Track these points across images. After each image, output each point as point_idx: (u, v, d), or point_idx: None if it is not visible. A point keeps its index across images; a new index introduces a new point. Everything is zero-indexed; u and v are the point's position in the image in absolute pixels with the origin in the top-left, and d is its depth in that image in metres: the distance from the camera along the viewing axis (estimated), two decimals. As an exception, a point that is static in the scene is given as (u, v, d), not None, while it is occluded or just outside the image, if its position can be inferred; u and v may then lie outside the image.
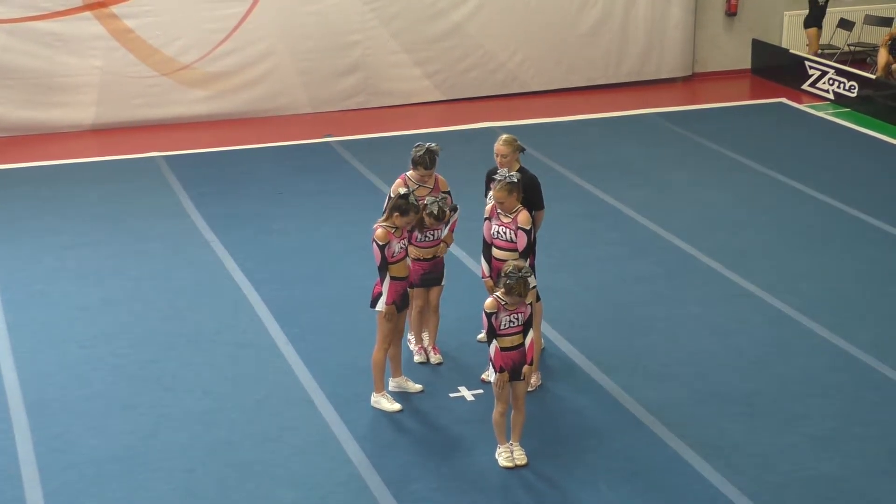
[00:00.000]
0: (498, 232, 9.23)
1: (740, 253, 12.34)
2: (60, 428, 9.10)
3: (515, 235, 9.14)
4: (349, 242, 12.55)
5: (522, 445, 8.61)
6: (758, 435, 8.97)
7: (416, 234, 9.60)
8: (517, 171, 9.41)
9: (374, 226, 9.16)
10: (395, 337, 9.36)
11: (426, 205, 9.42)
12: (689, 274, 11.89)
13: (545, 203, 9.70)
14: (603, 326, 10.74)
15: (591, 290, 11.44)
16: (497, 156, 9.58)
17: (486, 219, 9.33)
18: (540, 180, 9.65)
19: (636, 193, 14.08)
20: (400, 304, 9.23)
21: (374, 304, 9.22)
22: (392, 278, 9.14)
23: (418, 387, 9.60)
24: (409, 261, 9.36)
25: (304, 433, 9.03)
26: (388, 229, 9.09)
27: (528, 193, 9.39)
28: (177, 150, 15.82)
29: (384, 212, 9.24)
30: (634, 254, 12.36)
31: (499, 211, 9.22)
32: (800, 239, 12.83)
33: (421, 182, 9.79)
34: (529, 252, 9.23)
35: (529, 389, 9.13)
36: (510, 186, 9.09)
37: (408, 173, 9.83)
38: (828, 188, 14.19)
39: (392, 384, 9.55)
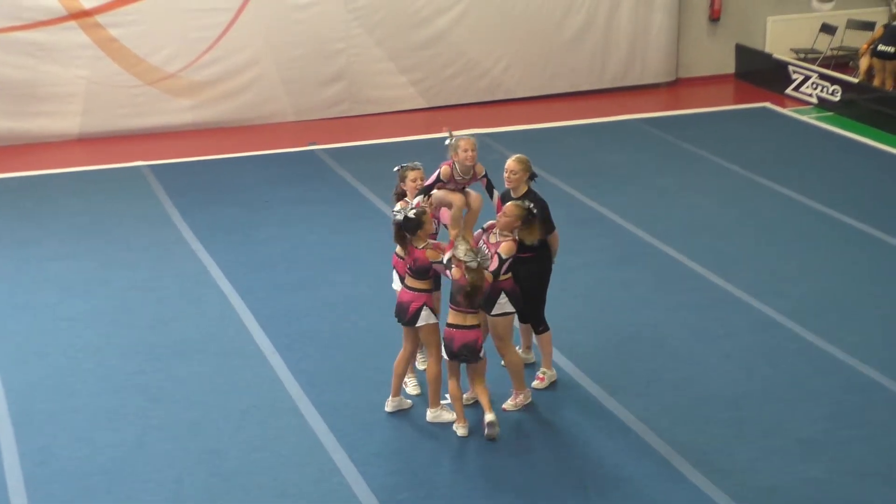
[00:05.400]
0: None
1: (726, 257, 12.35)
2: (46, 439, 9.07)
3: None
4: (335, 250, 12.54)
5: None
6: (745, 439, 8.98)
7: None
8: (525, 193, 9.22)
9: (417, 254, 8.91)
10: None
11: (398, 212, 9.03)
12: (675, 279, 11.90)
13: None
14: (589, 332, 10.74)
15: (578, 297, 11.45)
16: (506, 171, 9.25)
17: (481, 228, 9.25)
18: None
19: (621, 199, 14.10)
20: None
21: (413, 321, 8.98)
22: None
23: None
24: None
25: (292, 442, 9.01)
26: (433, 246, 8.91)
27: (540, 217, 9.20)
28: (162, 158, 15.79)
29: (397, 235, 9.01)
30: (620, 259, 12.38)
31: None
32: (785, 243, 12.85)
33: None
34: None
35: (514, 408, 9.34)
36: (528, 215, 8.99)
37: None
38: (812, 192, 14.23)
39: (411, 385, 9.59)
